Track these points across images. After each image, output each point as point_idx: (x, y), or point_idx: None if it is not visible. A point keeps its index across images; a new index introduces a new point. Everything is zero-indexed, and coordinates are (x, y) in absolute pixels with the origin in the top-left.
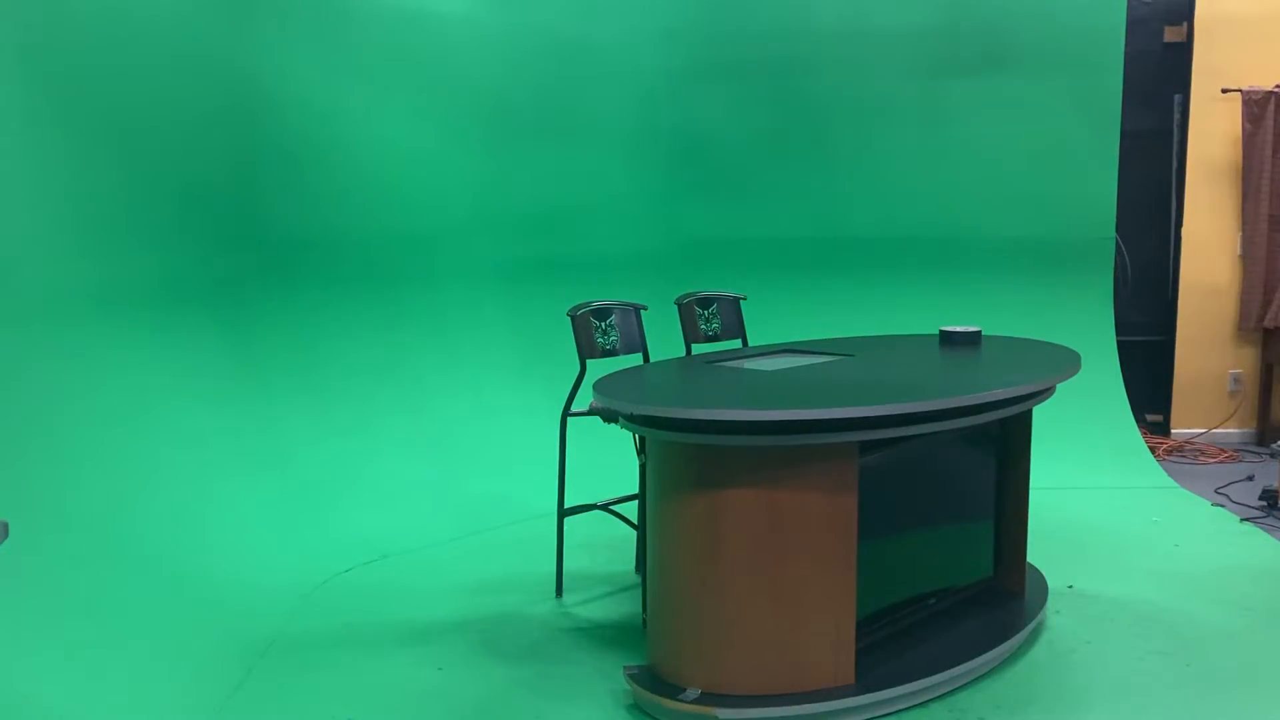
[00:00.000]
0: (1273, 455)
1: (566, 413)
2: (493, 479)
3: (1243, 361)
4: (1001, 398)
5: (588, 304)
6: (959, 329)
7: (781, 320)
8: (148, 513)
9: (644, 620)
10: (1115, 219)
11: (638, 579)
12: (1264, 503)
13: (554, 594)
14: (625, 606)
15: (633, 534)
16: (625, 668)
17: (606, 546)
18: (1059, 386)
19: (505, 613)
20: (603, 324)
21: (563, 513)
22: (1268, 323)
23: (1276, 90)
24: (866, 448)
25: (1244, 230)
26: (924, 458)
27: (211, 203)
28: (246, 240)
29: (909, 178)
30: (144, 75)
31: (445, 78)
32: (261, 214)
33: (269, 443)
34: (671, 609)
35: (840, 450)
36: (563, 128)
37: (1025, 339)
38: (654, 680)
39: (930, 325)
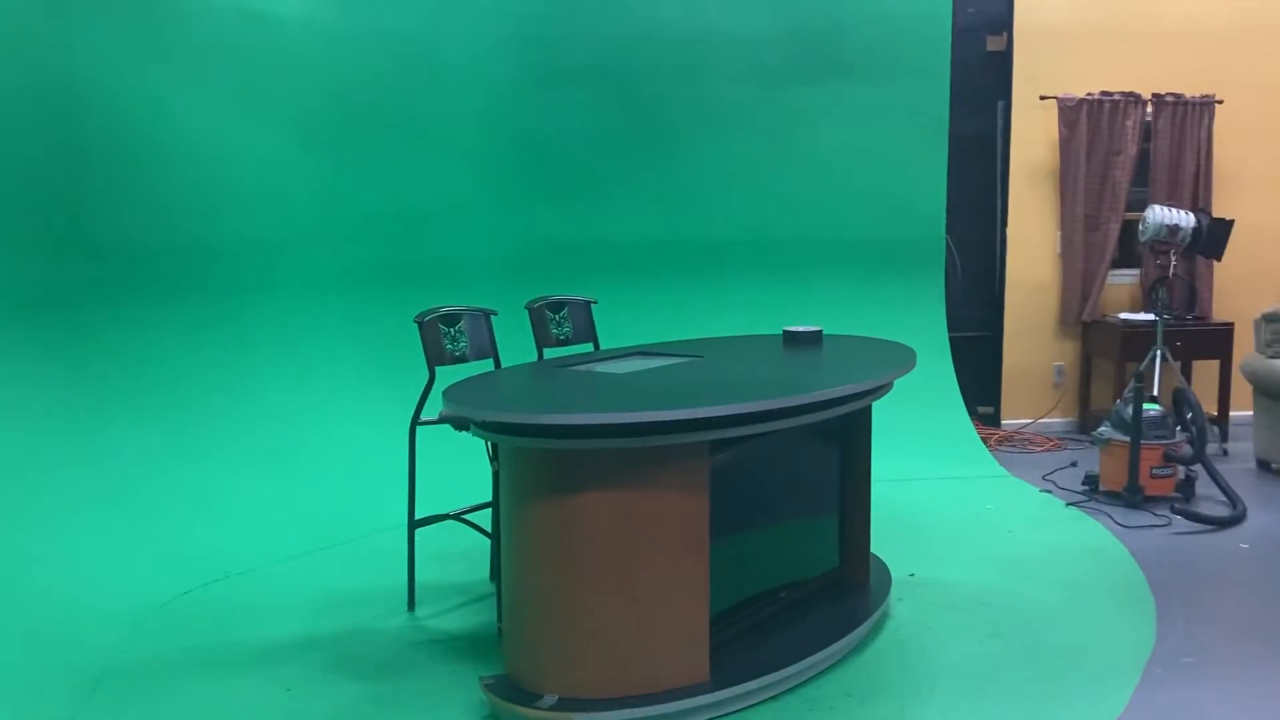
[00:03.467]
0: (1094, 442)
1: (415, 421)
2: (341, 492)
3: (1065, 354)
4: (843, 394)
5: (435, 309)
6: (801, 329)
7: (632, 323)
8: None
9: (499, 629)
10: (945, 220)
11: (493, 588)
12: (1087, 487)
13: (406, 607)
14: (480, 616)
15: (486, 543)
16: (481, 678)
17: (460, 557)
18: (896, 382)
19: (356, 628)
20: (451, 330)
21: (413, 524)
22: (1085, 317)
23: (1088, 98)
24: (716, 447)
25: (1062, 230)
26: (771, 455)
27: (32, 209)
28: (72, 249)
29: (752, 181)
30: None
31: (284, 78)
32: (89, 221)
33: (101, 461)
34: (527, 616)
35: (692, 450)
36: (407, 130)
37: (864, 337)
38: (511, 689)
39: (774, 325)
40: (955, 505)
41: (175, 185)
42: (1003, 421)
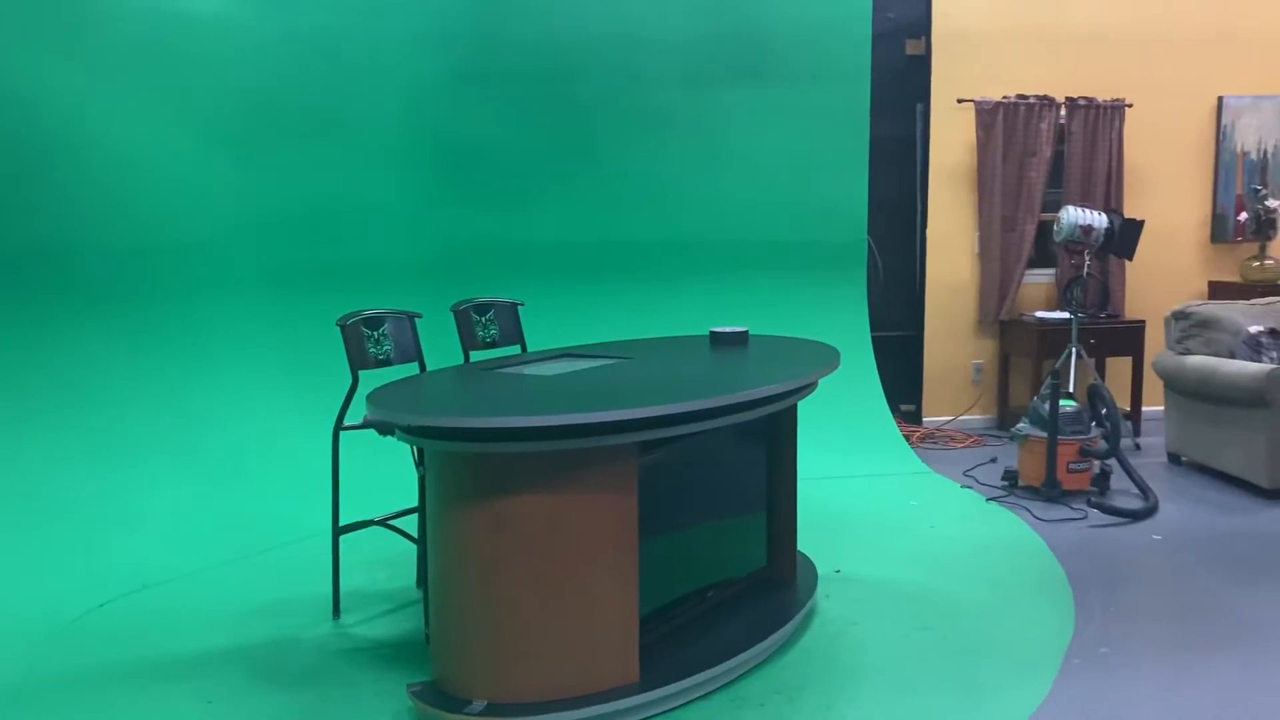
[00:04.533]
0: (1012, 438)
1: (339, 426)
2: (263, 498)
3: (983, 352)
4: (768, 394)
5: (358, 313)
6: (727, 329)
7: (559, 325)
8: None
9: (427, 635)
10: (867, 221)
11: (419, 594)
12: (1006, 483)
13: (331, 615)
14: (407, 623)
15: (413, 549)
16: (409, 685)
17: (386, 563)
18: (821, 381)
19: (279, 638)
20: (375, 333)
21: (337, 530)
22: (1003, 316)
23: (1004, 101)
24: (644, 448)
25: (980, 230)
26: (699, 455)
27: None
28: None
29: (678, 183)
30: None
31: (199, 78)
32: None
33: (12, 469)
34: (455, 621)
35: (620, 452)
36: (327, 131)
37: (788, 337)
38: (439, 695)
39: (701, 326)
40: (879, 502)
41: (88, 187)
42: (924, 419)
